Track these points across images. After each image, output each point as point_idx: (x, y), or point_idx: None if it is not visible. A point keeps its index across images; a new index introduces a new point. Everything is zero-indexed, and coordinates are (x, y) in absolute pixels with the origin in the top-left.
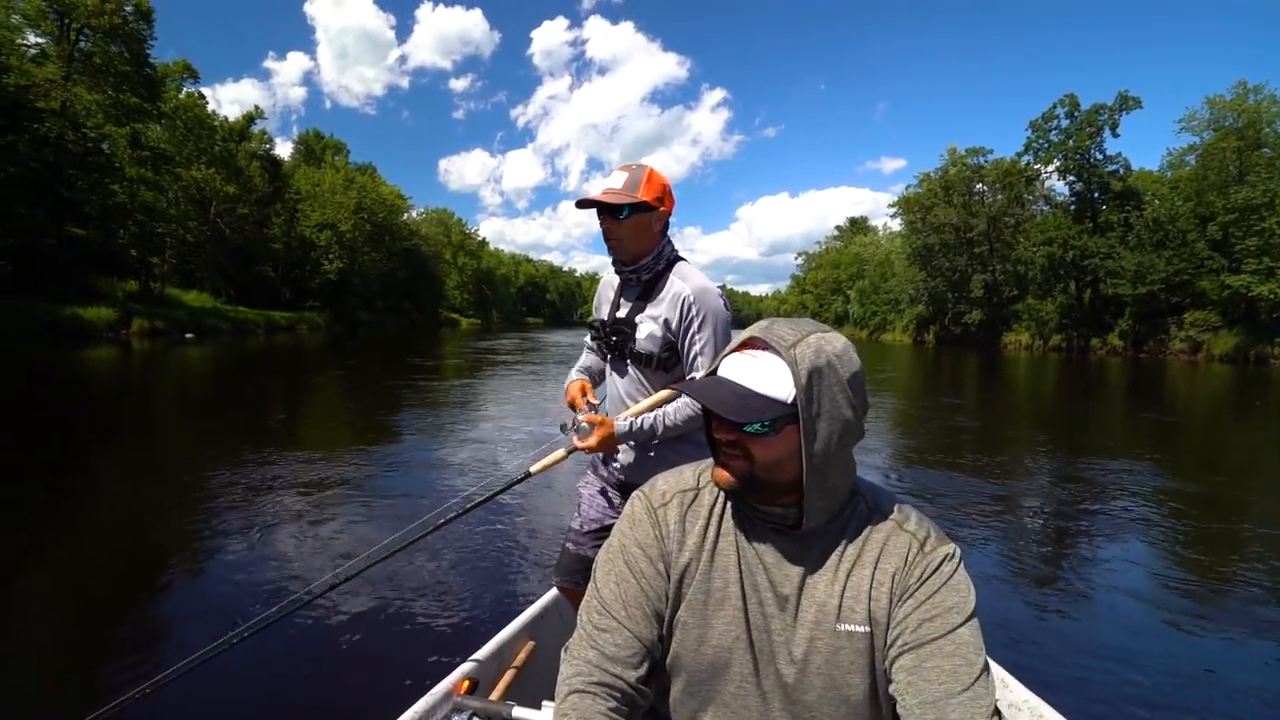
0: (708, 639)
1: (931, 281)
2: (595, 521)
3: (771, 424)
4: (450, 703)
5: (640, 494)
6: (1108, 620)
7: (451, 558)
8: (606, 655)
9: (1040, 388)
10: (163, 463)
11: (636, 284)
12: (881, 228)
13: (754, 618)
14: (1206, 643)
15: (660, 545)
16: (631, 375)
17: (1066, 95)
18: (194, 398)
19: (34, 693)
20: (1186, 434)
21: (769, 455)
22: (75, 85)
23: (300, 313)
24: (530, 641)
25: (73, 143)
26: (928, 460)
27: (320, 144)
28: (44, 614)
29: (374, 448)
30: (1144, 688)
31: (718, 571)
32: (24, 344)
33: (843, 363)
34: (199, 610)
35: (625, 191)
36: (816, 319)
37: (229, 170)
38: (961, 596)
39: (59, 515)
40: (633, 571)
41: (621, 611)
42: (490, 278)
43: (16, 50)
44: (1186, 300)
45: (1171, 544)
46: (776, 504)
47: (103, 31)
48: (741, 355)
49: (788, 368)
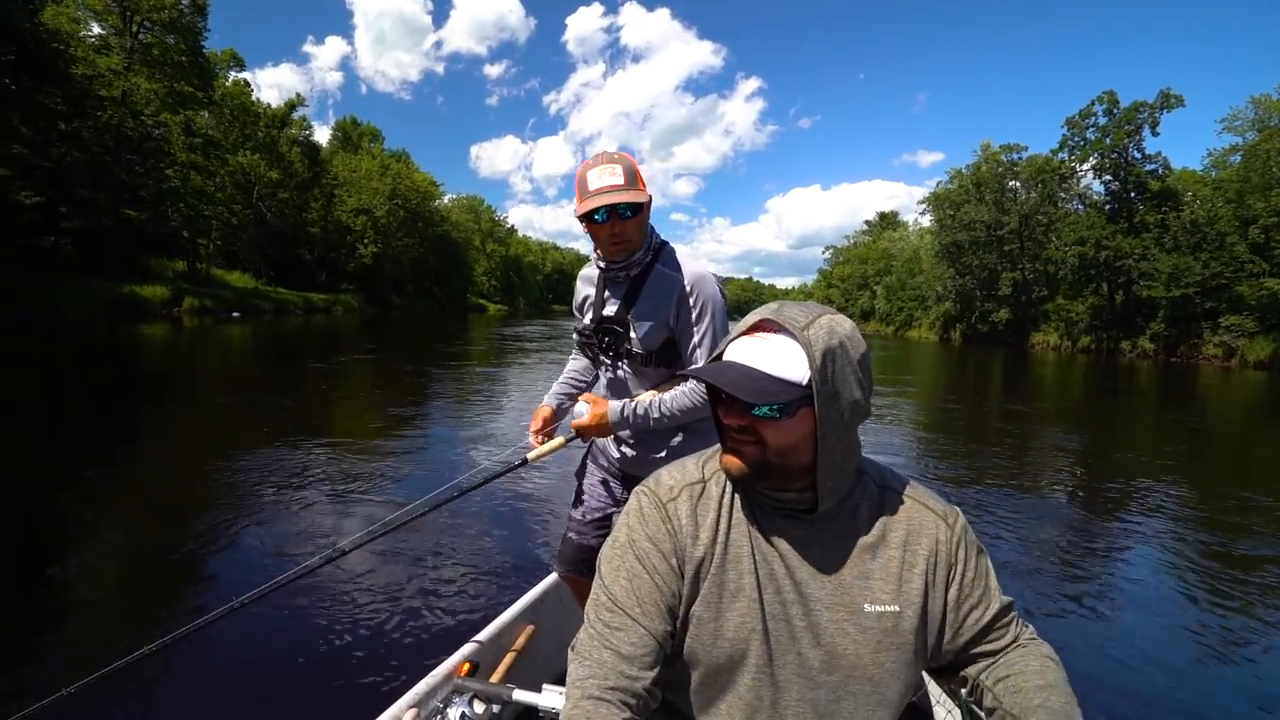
0: (723, 632)
1: (959, 279)
2: (598, 511)
3: (785, 406)
4: (451, 684)
5: (646, 489)
6: (1126, 631)
7: (452, 543)
8: (621, 655)
9: (1070, 389)
10: (214, 429)
11: (624, 280)
12: (911, 223)
13: (770, 607)
14: (1228, 660)
15: (673, 540)
16: (628, 375)
17: (1105, 92)
18: (243, 372)
19: (80, 636)
20: (1222, 442)
21: (783, 439)
22: (135, 75)
23: (336, 295)
24: (530, 625)
25: (131, 130)
26: (957, 462)
27: (357, 131)
28: (98, 559)
29: (402, 429)
30: (1164, 700)
31: (731, 564)
32: (88, 319)
33: (853, 344)
34: (229, 561)
35: (631, 188)
36: (842, 312)
37: (271, 156)
38: (987, 558)
39: (118, 471)
40: (645, 567)
41: (636, 609)
42: (518, 265)
43: (82, 42)
44: (1222, 305)
45: (1202, 557)
46: (790, 489)
47: (161, 24)
48: (752, 338)
49: (802, 349)
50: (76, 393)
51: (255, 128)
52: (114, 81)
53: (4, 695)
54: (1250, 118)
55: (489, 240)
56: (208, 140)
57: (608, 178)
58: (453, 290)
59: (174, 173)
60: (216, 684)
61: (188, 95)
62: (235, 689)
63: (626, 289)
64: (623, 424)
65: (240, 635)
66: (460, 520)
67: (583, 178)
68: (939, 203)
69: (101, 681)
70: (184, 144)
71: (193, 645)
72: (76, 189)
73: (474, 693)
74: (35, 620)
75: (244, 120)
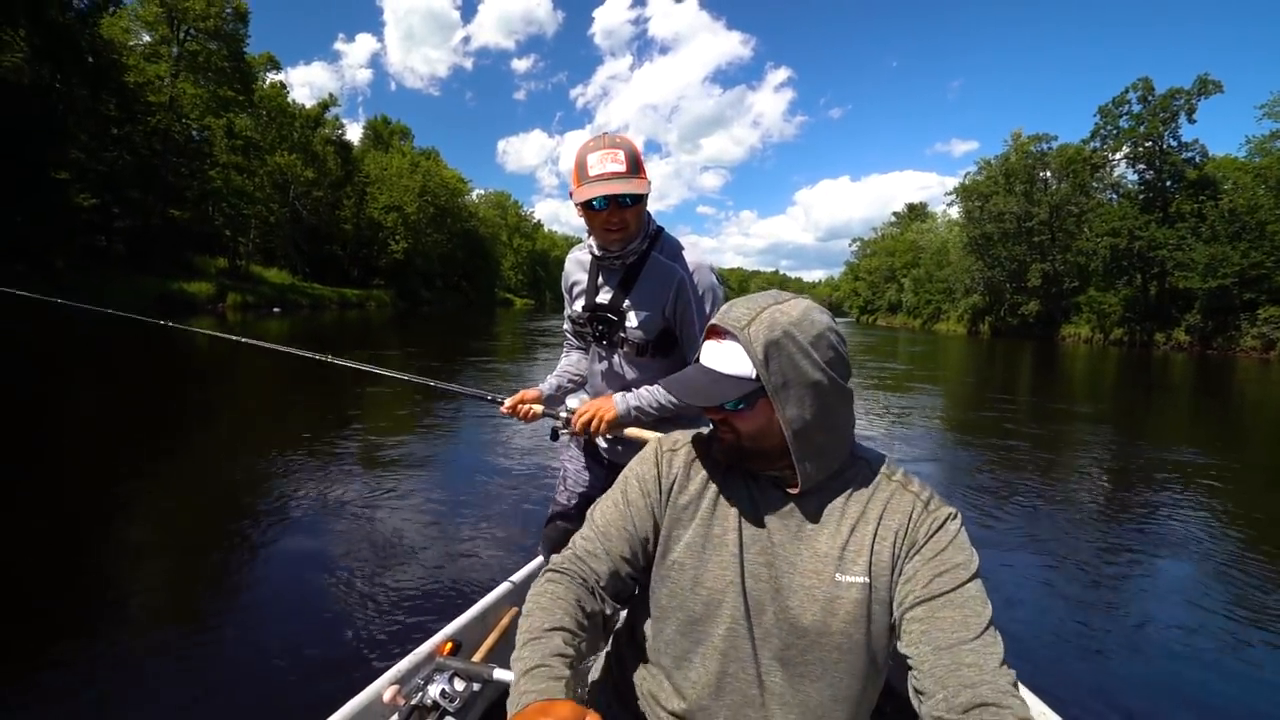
0: (702, 580)
1: (988, 271)
2: (580, 494)
3: (745, 400)
4: (433, 663)
5: (660, 437)
6: (1141, 643)
7: (438, 525)
8: (584, 562)
9: (1103, 384)
10: (268, 418)
11: (619, 267)
12: (940, 214)
13: (750, 565)
14: (1246, 673)
15: (658, 484)
16: (622, 364)
17: (1140, 79)
18: (288, 365)
19: (113, 621)
20: (1264, 434)
21: (751, 427)
22: (181, 81)
23: (369, 290)
24: (513, 607)
25: (178, 133)
26: (969, 450)
27: (388, 129)
28: (141, 547)
29: (423, 419)
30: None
31: (718, 519)
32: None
33: (801, 329)
34: (264, 550)
35: (633, 175)
36: (869, 306)
37: (307, 155)
38: (967, 555)
39: (176, 459)
40: (626, 500)
41: (606, 533)
42: (544, 259)
43: (133, 51)
44: (1261, 296)
45: (1227, 566)
46: (773, 468)
47: (206, 32)
48: (710, 342)
49: (743, 348)
50: (138, 385)
51: (291, 128)
52: (162, 88)
53: (34, 686)
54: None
55: (516, 235)
56: (248, 142)
57: (609, 164)
58: (481, 285)
59: (216, 174)
60: (196, 661)
61: (230, 99)
62: (216, 666)
63: (622, 276)
64: (629, 421)
65: (224, 612)
66: (448, 503)
67: (582, 161)
68: (967, 194)
69: (70, 660)
70: (226, 146)
71: (173, 620)
72: (128, 190)
73: (455, 670)
74: (67, 606)
75: (280, 121)
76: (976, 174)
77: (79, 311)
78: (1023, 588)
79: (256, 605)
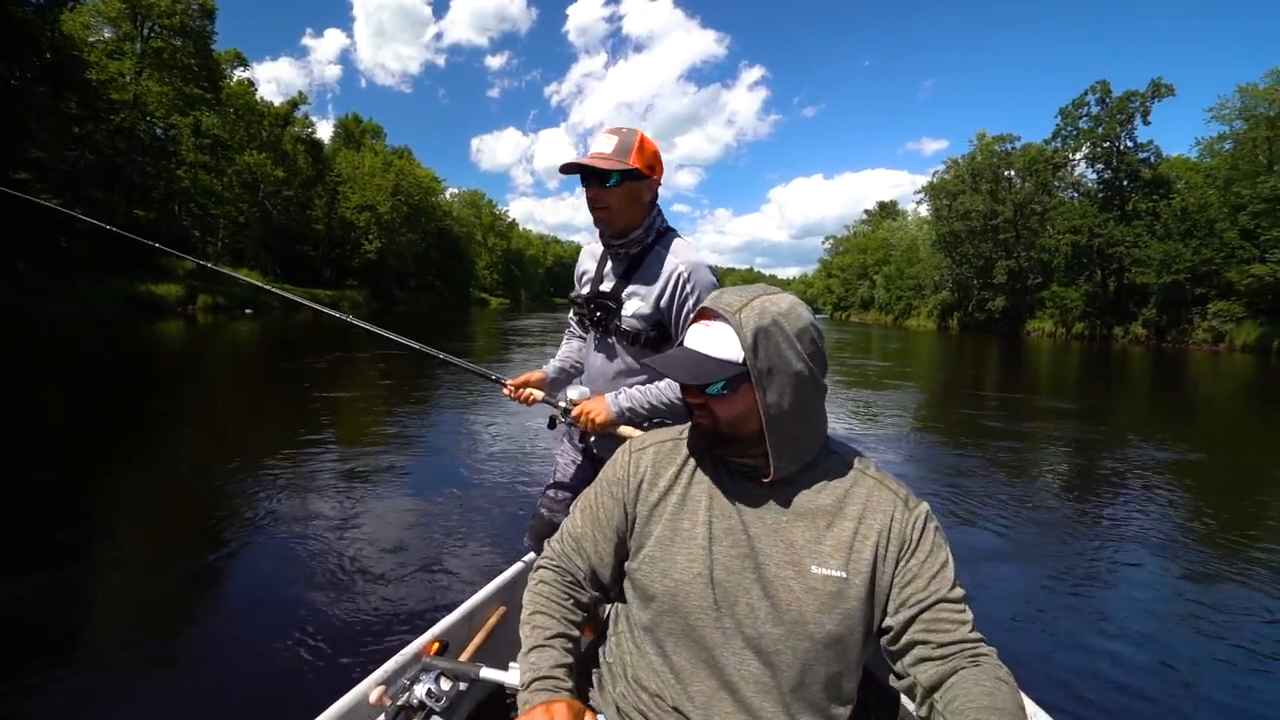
0: (670, 573)
1: (957, 268)
2: (567, 489)
3: (728, 384)
4: (419, 663)
5: (629, 439)
6: (1119, 632)
7: (427, 525)
8: (569, 561)
9: (1066, 376)
10: (242, 421)
11: (623, 258)
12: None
13: (720, 556)
14: (1220, 657)
15: (625, 484)
16: (615, 352)
17: (1099, 82)
18: (262, 366)
19: (94, 628)
20: (1217, 424)
21: (730, 412)
22: (146, 79)
23: (342, 291)
24: (501, 607)
25: (143, 132)
26: (946, 447)
27: (359, 128)
28: (117, 555)
29: (407, 419)
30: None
31: (688, 513)
32: (107, 317)
33: (789, 320)
34: (243, 555)
35: (615, 157)
36: (842, 303)
37: (276, 154)
38: (947, 553)
39: (146, 465)
40: (598, 503)
41: (583, 538)
42: (519, 258)
43: (94, 48)
44: (1212, 291)
45: (1197, 551)
46: (747, 456)
47: (171, 28)
48: (697, 325)
49: (734, 331)
50: (107, 389)
51: (260, 127)
52: (126, 85)
53: (20, 687)
54: (1237, 106)
55: (490, 234)
56: (216, 141)
57: (599, 145)
58: (455, 285)
59: (184, 173)
60: (181, 664)
61: (197, 97)
62: (200, 670)
63: (625, 266)
64: (623, 419)
65: (207, 615)
66: (433, 503)
67: (590, 145)
68: (935, 193)
69: (52, 668)
70: (193, 145)
71: (160, 623)
72: (90, 190)
73: (441, 670)
74: (47, 612)
75: (249, 119)
76: (944, 173)
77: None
78: (1000, 583)
79: (240, 608)
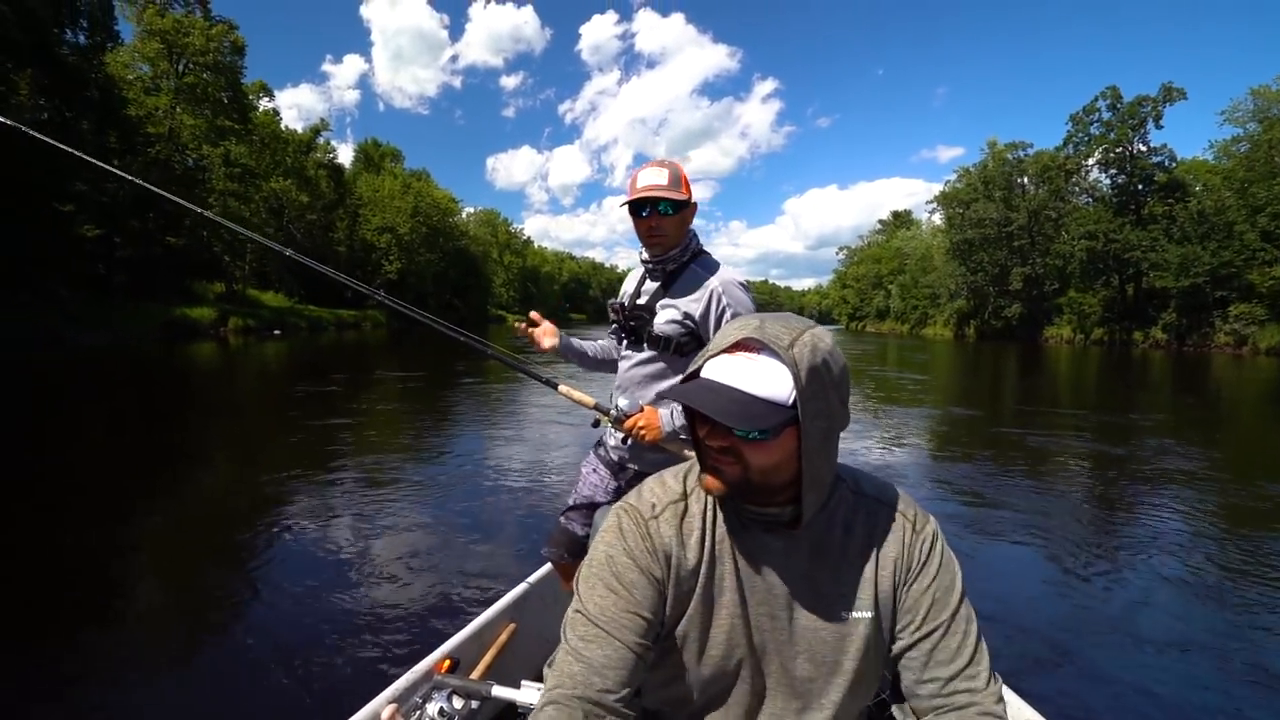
0: (709, 650)
1: (972, 276)
2: (585, 498)
3: (770, 429)
4: (431, 681)
5: (627, 506)
6: (1121, 641)
7: (435, 541)
8: (592, 668)
9: (1087, 384)
10: (277, 438)
11: (660, 274)
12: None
13: (755, 619)
14: (1227, 669)
15: (653, 558)
16: (646, 358)
17: (1108, 88)
18: (293, 385)
19: (122, 641)
20: (1238, 431)
21: (765, 460)
22: (180, 112)
23: (364, 310)
24: (511, 623)
25: (176, 163)
26: (972, 461)
27: (378, 152)
28: (150, 562)
29: (428, 435)
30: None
31: (716, 581)
32: (145, 341)
33: (834, 359)
34: (271, 570)
35: (673, 188)
36: (857, 313)
37: (300, 180)
38: (954, 572)
39: (175, 483)
40: (622, 583)
41: (610, 624)
42: (535, 275)
43: (133, 85)
44: (1232, 293)
45: (1211, 559)
46: (772, 504)
47: (204, 65)
48: (734, 357)
49: (787, 369)
50: (149, 409)
51: (284, 154)
52: (161, 119)
53: (47, 689)
54: (1250, 109)
55: (506, 252)
56: (245, 169)
57: (654, 177)
58: (473, 303)
59: (214, 201)
60: (194, 680)
61: (227, 128)
62: (213, 685)
63: (661, 283)
64: (674, 436)
65: (221, 631)
66: (445, 519)
67: (634, 178)
68: (948, 201)
69: (70, 680)
70: (223, 174)
71: (171, 641)
72: (128, 220)
73: (453, 688)
74: (79, 624)
75: (274, 147)
76: (956, 181)
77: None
78: (1007, 585)
79: (254, 624)
